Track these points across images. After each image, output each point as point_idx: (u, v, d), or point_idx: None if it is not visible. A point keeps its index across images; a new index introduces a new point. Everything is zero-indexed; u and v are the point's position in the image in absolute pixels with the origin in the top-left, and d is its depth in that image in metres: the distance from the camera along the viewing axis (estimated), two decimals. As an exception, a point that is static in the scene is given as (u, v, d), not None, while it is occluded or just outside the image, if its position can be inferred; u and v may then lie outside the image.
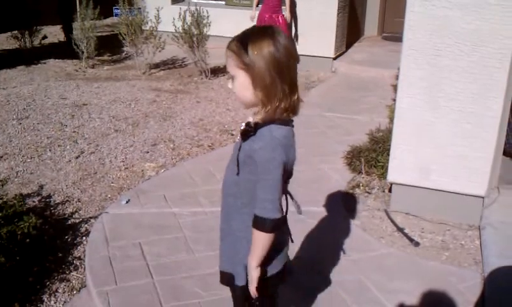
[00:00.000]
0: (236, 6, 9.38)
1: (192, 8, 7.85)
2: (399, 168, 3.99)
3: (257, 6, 8.39)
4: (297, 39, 8.56)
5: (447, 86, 3.68)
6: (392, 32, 9.73)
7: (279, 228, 1.94)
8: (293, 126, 1.94)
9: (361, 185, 4.46)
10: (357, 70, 8.27)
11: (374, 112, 6.20)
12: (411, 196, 4.01)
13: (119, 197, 4.32)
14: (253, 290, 2.01)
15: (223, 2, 9.80)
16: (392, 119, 4.29)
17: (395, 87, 5.25)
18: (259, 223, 1.89)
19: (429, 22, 3.63)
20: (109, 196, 4.36)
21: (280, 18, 7.93)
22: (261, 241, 1.92)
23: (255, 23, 7.90)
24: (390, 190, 4.22)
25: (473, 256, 3.55)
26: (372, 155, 4.69)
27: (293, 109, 1.88)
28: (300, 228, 3.82)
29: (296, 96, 1.86)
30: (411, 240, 3.71)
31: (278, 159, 1.84)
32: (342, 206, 4.18)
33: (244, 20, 8.34)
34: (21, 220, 3.29)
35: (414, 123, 3.85)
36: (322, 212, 4.05)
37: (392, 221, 3.95)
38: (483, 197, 3.83)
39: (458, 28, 3.56)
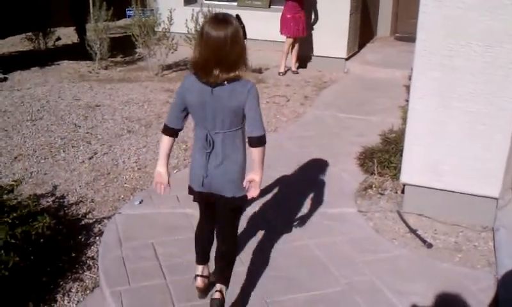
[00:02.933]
0: (248, 7, 9.38)
1: (205, 9, 7.87)
2: (412, 169, 3.97)
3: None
4: (312, 38, 8.57)
5: (460, 87, 3.66)
6: (405, 33, 9.67)
7: (165, 133, 2.81)
8: (207, 84, 2.62)
9: (373, 186, 4.45)
10: (369, 70, 8.23)
11: (387, 113, 6.17)
12: (424, 197, 3.99)
13: (132, 197, 4.35)
14: None
15: (235, 4, 9.82)
16: (404, 120, 4.27)
17: (407, 87, 5.22)
18: None
19: (442, 23, 3.61)
20: (122, 196, 4.39)
21: (301, 17, 7.92)
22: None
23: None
24: (402, 192, 4.20)
25: (486, 258, 3.52)
26: (384, 156, 4.67)
27: (198, 72, 2.65)
28: (313, 229, 3.82)
29: (207, 70, 2.60)
30: (424, 241, 3.70)
31: (178, 91, 2.76)
32: (354, 207, 4.17)
33: (256, 20, 8.35)
34: (35, 221, 3.32)
35: (427, 124, 3.83)
36: (334, 213, 4.05)
37: (405, 222, 3.93)
38: (497, 199, 3.80)
39: (472, 28, 3.54)
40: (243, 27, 2.65)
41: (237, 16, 2.66)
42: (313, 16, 8.48)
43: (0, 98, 6.85)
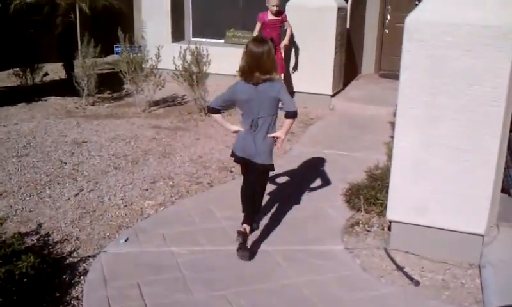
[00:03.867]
0: (235, 45, 9.50)
1: (192, 47, 7.96)
2: (398, 206, 4.00)
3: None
4: (294, 73, 8.66)
5: (444, 124, 3.71)
6: (389, 70, 9.84)
7: (210, 112, 4.17)
8: (252, 84, 3.88)
9: (360, 223, 4.46)
10: (355, 107, 8.33)
11: (372, 150, 6.22)
12: (410, 234, 4.00)
13: (118, 235, 4.31)
14: None
15: (222, 41, 9.95)
16: (389, 157, 4.31)
17: (392, 124, 5.28)
18: None
19: (425, 61, 3.68)
20: (108, 234, 4.35)
21: (278, 54, 8.01)
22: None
23: None
24: (389, 228, 4.22)
25: (473, 295, 3.52)
26: (371, 192, 4.69)
27: (244, 77, 3.93)
28: (301, 267, 3.80)
29: (251, 74, 3.87)
30: (411, 279, 3.69)
31: (230, 87, 4.02)
32: (341, 244, 4.17)
33: (243, 58, 8.43)
34: (19, 260, 3.28)
35: (412, 160, 3.87)
36: (321, 251, 4.04)
37: (392, 260, 3.93)
38: (482, 236, 3.82)
39: (454, 67, 3.61)
40: (275, 46, 3.73)
41: (272, 39, 3.46)
42: (295, 54, 8.59)
43: (-14, 135, 6.81)
